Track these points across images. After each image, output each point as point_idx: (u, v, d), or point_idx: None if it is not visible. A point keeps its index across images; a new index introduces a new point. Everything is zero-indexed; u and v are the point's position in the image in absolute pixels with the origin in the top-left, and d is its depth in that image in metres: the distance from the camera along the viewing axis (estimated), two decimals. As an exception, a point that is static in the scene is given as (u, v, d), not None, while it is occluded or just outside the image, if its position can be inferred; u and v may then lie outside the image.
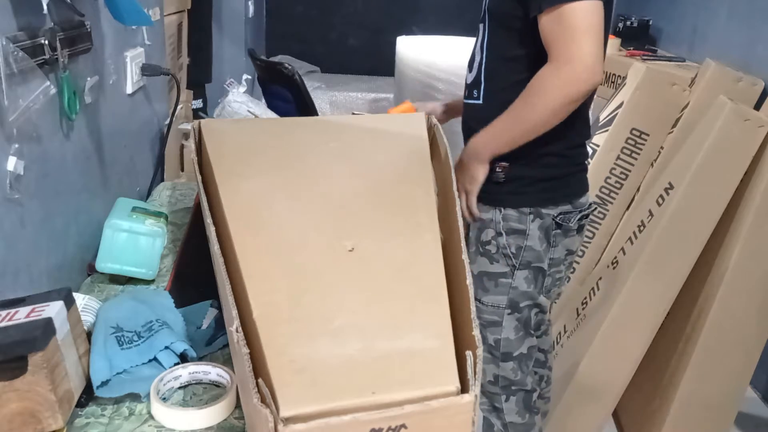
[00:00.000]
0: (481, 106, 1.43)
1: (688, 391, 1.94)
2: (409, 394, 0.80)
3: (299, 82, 2.70)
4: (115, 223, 1.35)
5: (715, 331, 1.91)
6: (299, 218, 1.11)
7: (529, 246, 1.41)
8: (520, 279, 1.43)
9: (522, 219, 1.40)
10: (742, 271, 1.88)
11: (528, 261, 1.42)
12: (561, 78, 1.23)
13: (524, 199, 1.41)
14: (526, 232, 1.40)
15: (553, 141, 1.36)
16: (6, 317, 0.91)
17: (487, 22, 1.39)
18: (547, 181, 1.41)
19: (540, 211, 1.40)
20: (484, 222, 1.44)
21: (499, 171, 1.41)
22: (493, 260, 1.43)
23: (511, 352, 1.46)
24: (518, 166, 1.40)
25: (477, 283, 1.43)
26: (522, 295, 1.44)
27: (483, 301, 1.45)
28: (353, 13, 4.80)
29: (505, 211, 1.41)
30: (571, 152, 1.43)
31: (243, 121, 1.99)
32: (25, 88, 1.07)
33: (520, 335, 1.46)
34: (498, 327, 1.45)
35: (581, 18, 1.19)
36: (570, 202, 1.43)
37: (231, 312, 0.89)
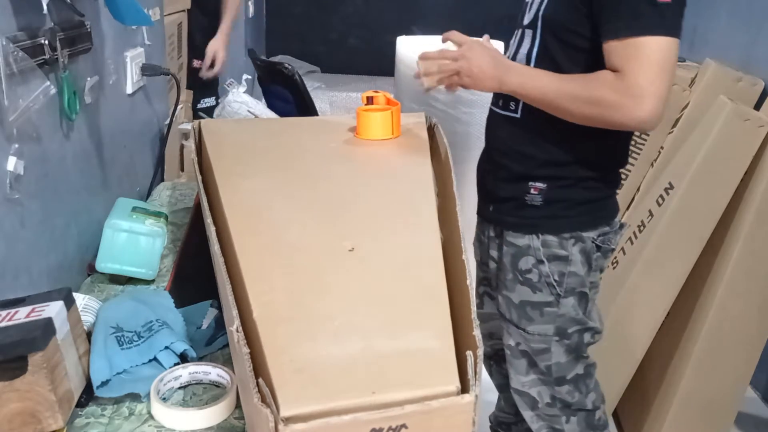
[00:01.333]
0: (519, 120, 1.32)
1: (688, 391, 1.94)
2: (410, 394, 0.80)
3: (299, 82, 2.70)
4: (115, 223, 1.35)
5: (715, 331, 1.91)
6: (299, 218, 1.11)
7: (572, 272, 1.32)
8: (567, 306, 1.34)
9: (563, 244, 1.31)
10: (742, 271, 1.88)
11: (572, 287, 1.33)
12: (623, 104, 1.13)
13: (564, 223, 1.31)
14: (568, 258, 1.32)
15: (595, 166, 1.30)
16: (6, 317, 0.91)
17: (540, 31, 1.27)
18: (586, 203, 1.32)
19: (581, 235, 1.31)
20: (519, 248, 1.34)
21: (535, 193, 1.31)
22: (535, 289, 1.34)
23: (564, 376, 1.39)
24: (556, 189, 1.31)
25: (520, 312, 1.36)
26: (570, 322, 1.35)
27: (528, 331, 1.36)
28: (353, 13, 4.80)
29: (544, 236, 1.32)
30: (610, 176, 1.36)
31: (243, 121, 1.99)
32: (25, 88, 1.07)
33: (572, 357, 1.38)
34: (547, 354, 1.37)
35: (661, 54, 1.11)
36: (608, 224, 1.35)
37: (231, 312, 0.89)
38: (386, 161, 1.33)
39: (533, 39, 1.28)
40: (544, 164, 1.30)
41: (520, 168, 1.32)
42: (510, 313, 1.38)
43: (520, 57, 1.31)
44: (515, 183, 1.33)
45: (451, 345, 0.88)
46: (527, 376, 1.39)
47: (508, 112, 1.34)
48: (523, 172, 1.32)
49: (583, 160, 1.28)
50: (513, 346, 1.39)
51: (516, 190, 1.33)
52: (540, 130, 1.28)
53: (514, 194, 1.34)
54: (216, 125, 1.47)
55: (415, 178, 1.23)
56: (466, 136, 2.64)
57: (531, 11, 1.29)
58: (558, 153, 1.29)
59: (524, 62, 1.29)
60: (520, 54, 1.31)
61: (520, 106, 1.30)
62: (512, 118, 1.32)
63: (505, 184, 1.36)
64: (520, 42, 1.32)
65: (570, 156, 1.28)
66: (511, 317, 1.37)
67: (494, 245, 1.42)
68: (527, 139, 1.30)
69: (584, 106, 1.17)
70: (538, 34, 1.27)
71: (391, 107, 1.39)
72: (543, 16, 1.25)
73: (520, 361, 1.39)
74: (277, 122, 1.88)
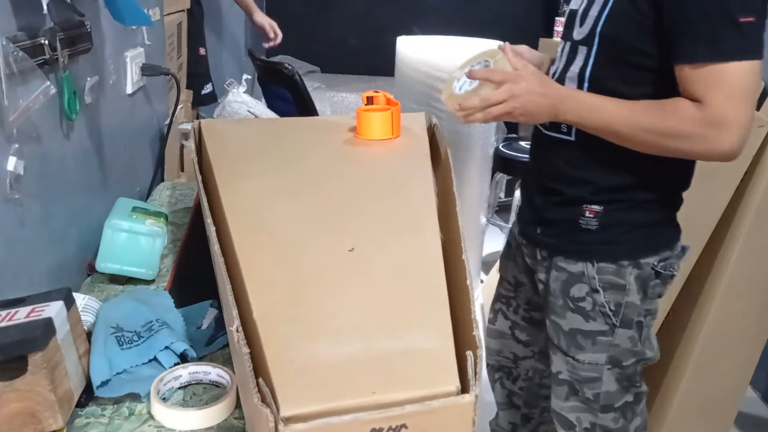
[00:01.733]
0: (574, 143, 1.20)
1: (688, 391, 1.94)
2: (410, 393, 0.80)
3: (299, 82, 2.70)
4: (115, 223, 1.35)
5: (715, 331, 1.91)
6: (299, 218, 1.11)
7: (629, 302, 1.22)
8: (622, 337, 1.24)
9: (621, 272, 1.21)
10: (742, 271, 1.88)
11: (630, 318, 1.23)
12: (706, 137, 1.04)
13: (622, 249, 1.21)
14: (626, 287, 1.21)
15: (657, 188, 1.20)
16: (6, 317, 0.91)
17: (596, 48, 1.15)
18: (647, 227, 1.21)
19: (639, 262, 1.21)
20: (571, 275, 1.24)
21: (590, 216, 1.20)
22: (588, 318, 1.24)
23: (612, 404, 1.29)
24: (614, 211, 1.20)
25: (569, 339, 1.27)
26: (625, 353, 1.26)
27: (578, 359, 1.27)
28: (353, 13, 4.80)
29: (599, 264, 1.21)
30: (673, 197, 1.25)
31: (243, 121, 1.99)
32: (25, 88, 1.06)
33: (624, 386, 1.28)
34: (597, 383, 1.28)
35: (746, 80, 1.02)
36: (670, 248, 1.24)
37: (231, 312, 0.89)
38: (386, 161, 1.33)
39: (587, 57, 1.16)
40: (602, 189, 1.20)
41: (574, 192, 1.22)
42: (558, 339, 1.29)
43: (571, 75, 1.19)
44: (568, 206, 1.23)
45: (451, 345, 0.88)
46: (566, 402, 1.33)
47: (559, 134, 1.22)
48: (578, 195, 1.22)
49: (645, 182, 1.18)
50: (554, 373, 1.33)
51: (569, 213, 1.23)
52: (598, 154, 1.17)
53: (567, 217, 1.24)
54: (216, 125, 1.47)
55: (415, 178, 1.23)
56: (466, 136, 2.64)
57: (585, 26, 1.17)
58: (618, 177, 1.19)
59: (576, 81, 1.18)
60: (570, 72, 1.19)
61: (574, 129, 1.19)
62: (566, 141, 1.21)
63: (556, 208, 1.26)
64: (570, 59, 1.20)
65: (631, 179, 1.18)
66: (560, 344, 1.29)
67: (542, 268, 1.31)
68: (583, 163, 1.20)
69: (661, 139, 1.08)
70: (594, 52, 1.15)
71: (391, 107, 1.39)
72: (601, 34, 1.13)
73: (561, 387, 1.33)
74: (277, 122, 1.88)
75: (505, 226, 3.09)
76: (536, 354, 1.50)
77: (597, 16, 1.14)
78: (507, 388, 1.57)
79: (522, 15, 4.43)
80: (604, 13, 1.12)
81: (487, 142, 2.74)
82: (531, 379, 1.54)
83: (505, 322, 1.51)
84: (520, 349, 1.51)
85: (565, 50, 1.23)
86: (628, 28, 1.10)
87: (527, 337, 1.49)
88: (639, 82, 1.12)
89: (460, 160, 2.60)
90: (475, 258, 2.92)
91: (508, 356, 1.53)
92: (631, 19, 1.09)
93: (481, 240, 2.98)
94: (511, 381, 1.56)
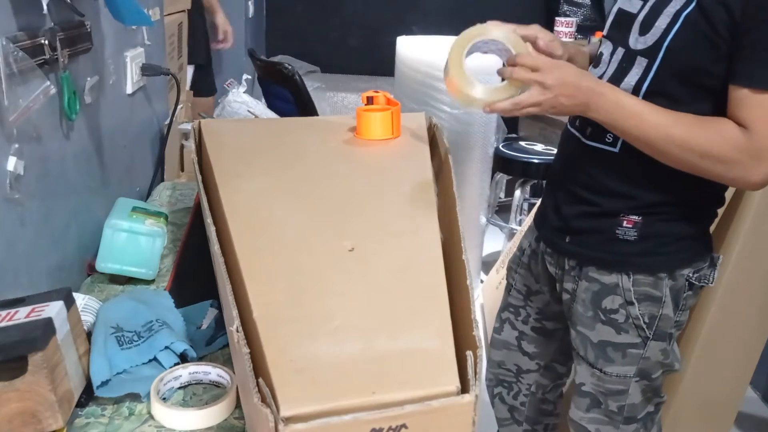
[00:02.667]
0: (617, 155, 1.15)
1: (688, 391, 1.94)
2: (410, 393, 0.80)
3: (299, 82, 2.70)
4: (115, 223, 1.35)
5: (715, 331, 1.91)
6: (299, 218, 1.11)
7: (664, 315, 1.19)
8: (654, 350, 1.22)
9: (657, 284, 1.18)
10: (742, 271, 1.88)
11: (664, 331, 1.21)
12: (742, 164, 1.02)
13: (660, 261, 1.18)
14: (662, 299, 1.18)
15: (696, 202, 1.17)
16: (6, 317, 0.91)
17: (659, 63, 1.08)
18: (684, 239, 1.18)
19: (674, 274, 1.18)
20: (604, 286, 1.21)
21: (628, 226, 1.17)
22: (620, 330, 1.21)
23: (635, 416, 1.28)
24: (654, 222, 1.16)
25: (598, 351, 1.24)
26: (655, 366, 1.24)
27: (606, 371, 1.24)
28: (353, 13, 4.80)
29: (636, 276, 1.18)
30: (709, 212, 1.23)
31: (243, 121, 2.00)
32: (25, 88, 1.06)
33: (647, 397, 1.27)
34: (623, 395, 1.25)
35: None
36: (703, 259, 1.21)
37: (231, 312, 0.89)
38: (386, 161, 1.33)
39: (647, 70, 1.10)
40: (643, 202, 1.17)
41: (612, 205, 1.18)
42: (585, 351, 1.27)
43: (625, 86, 1.12)
44: (604, 217, 1.19)
45: (451, 345, 0.88)
46: (586, 413, 1.31)
47: (603, 145, 1.17)
48: (615, 208, 1.18)
49: (686, 197, 1.16)
50: (577, 384, 1.31)
51: (604, 223, 1.19)
52: (642, 168, 1.12)
53: (602, 227, 1.20)
54: (216, 125, 1.47)
55: (415, 178, 1.23)
56: (466, 136, 2.64)
57: (648, 35, 1.09)
58: (659, 191, 1.15)
59: (630, 92, 1.12)
60: (625, 83, 1.13)
61: (621, 141, 1.14)
62: (609, 152, 1.16)
63: (590, 218, 1.22)
64: (626, 68, 1.13)
65: (672, 194, 1.15)
66: (587, 356, 1.27)
67: (569, 278, 1.27)
68: (626, 177, 1.16)
69: (696, 158, 1.05)
70: (656, 66, 1.09)
71: (391, 107, 1.39)
72: (669, 48, 1.06)
73: (583, 399, 1.31)
74: (277, 122, 1.88)
75: (505, 226, 3.09)
76: (541, 368, 1.48)
77: (666, 29, 1.07)
78: (507, 403, 1.54)
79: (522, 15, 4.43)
80: (674, 27, 1.06)
81: (487, 142, 2.74)
82: (533, 394, 1.51)
83: (512, 332, 1.47)
84: (525, 362, 1.48)
85: (617, 56, 1.16)
86: (699, 47, 1.04)
87: (535, 348, 1.46)
88: (695, 100, 1.08)
89: (460, 160, 2.60)
90: (475, 258, 2.92)
91: (510, 369, 1.51)
92: (704, 38, 1.03)
93: (481, 240, 2.98)
94: (511, 396, 1.53)
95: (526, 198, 3.06)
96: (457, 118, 2.58)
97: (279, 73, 2.75)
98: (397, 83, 2.70)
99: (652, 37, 1.09)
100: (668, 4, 1.07)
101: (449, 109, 2.55)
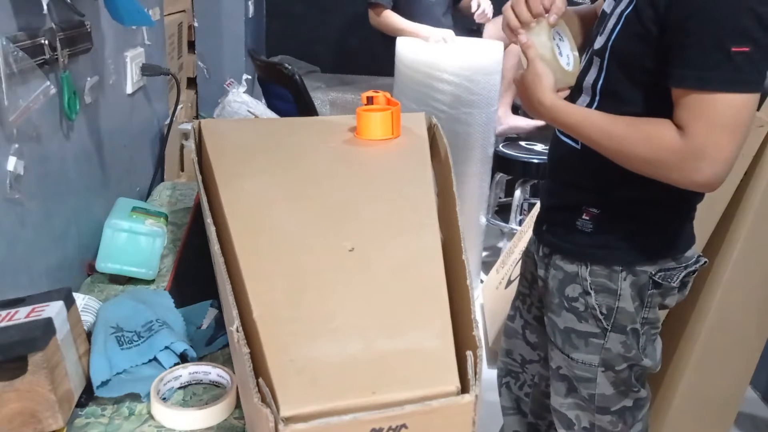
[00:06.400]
0: (579, 152, 1.20)
1: (688, 391, 1.94)
2: (410, 393, 0.80)
3: (299, 82, 2.70)
4: (115, 223, 1.35)
5: (715, 331, 1.91)
6: (299, 218, 1.11)
7: (622, 308, 1.21)
8: (614, 342, 1.23)
9: (613, 277, 1.20)
10: (742, 271, 1.88)
11: (623, 325, 1.22)
12: (682, 167, 1.02)
13: (616, 255, 1.20)
14: (617, 292, 1.21)
15: (661, 198, 1.17)
16: (6, 317, 0.91)
17: (607, 61, 1.13)
18: (645, 235, 1.20)
19: (634, 269, 1.20)
20: (567, 274, 1.25)
21: (586, 218, 1.21)
22: (581, 318, 1.25)
23: (608, 407, 1.29)
24: (611, 216, 1.20)
25: (564, 337, 1.28)
26: (618, 358, 1.25)
27: (573, 357, 1.28)
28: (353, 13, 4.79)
29: (592, 266, 1.22)
30: (678, 204, 1.21)
31: (243, 121, 1.99)
32: (25, 88, 1.07)
33: (621, 390, 1.28)
34: (591, 383, 1.27)
35: (732, 115, 0.98)
36: (673, 258, 1.21)
37: (231, 312, 0.89)
38: (386, 161, 1.33)
39: (600, 69, 1.15)
40: (602, 196, 1.20)
41: (575, 196, 1.24)
42: (555, 336, 1.31)
43: (586, 86, 1.19)
44: (569, 209, 1.25)
45: (451, 345, 0.88)
46: (565, 399, 1.33)
47: (570, 141, 1.23)
48: (578, 199, 1.23)
49: (646, 194, 1.16)
50: (554, 368, 1.34)
51: (569, 214, 1.24)
52: (601, 166, 1.15)
53: (566, 218, 1.25)
54: (216, 125, 1.47)
55: (415, 178, 1.23)
56: (466, 136, 2.64)
57: (603, 35, 1.15)
58: (618, 187, 1.18)
59: (590, 92, 1.18)
60: (585, 82, 1.19)
61: None
62: (572, 149, 1.22)
63: (559, 209, 1.29)
64: (586, 68, 1.20)
65: (632, 190, 1.17)
66: (556, 341, 1.31)
67: (542, 265, 1.33)
68: (586, 171, 1.21)
69: (640, 163, 1.07)
70: (605, 65, 1.14)
71: (391, 107, 1.39)
72: (612, 47, 1.11)
73: (559, 383, 1.33)
74: (277, 122, 1.88)
75: (505, 226, 3.09)
76: (542, 359, 1.49)
77: (611, 29, 1.12)
78: (514, 393, 1.56)
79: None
80: (617, 27, 1.11)
81: (486, 142, 2.74)
82: (537, 386, 1.52)
83: (519, 321, 1.51)
84: (528, 352, 1.50)
85: (584, 58, 1.22)
86: (635, 43, 1.07)
87: (536, 338, 1.48)
88: (643, 100, 1.10)
89: (460, 160, 2.60)
90: (475, 258, 2.92)
91: (516, 358, 1.53)
92: (639, 34, 1.06)
93: (481, 240, 2.98)
94: (517, 387, 1.55)
95: (526, 198, 3.06)
96: (457, 118, 2.58)
97: (279, 73, 2.75)
98: (397, 83, 2.71)
99: (603, 37, 1.14)
100: (619, 5, 1.12)
101: (449, 109, 2.56)
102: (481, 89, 2.59)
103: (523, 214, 3.06)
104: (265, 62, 3.00)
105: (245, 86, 2.36)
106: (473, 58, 2.61)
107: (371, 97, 1.42)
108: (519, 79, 1.19)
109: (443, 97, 2.54)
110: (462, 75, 2.54)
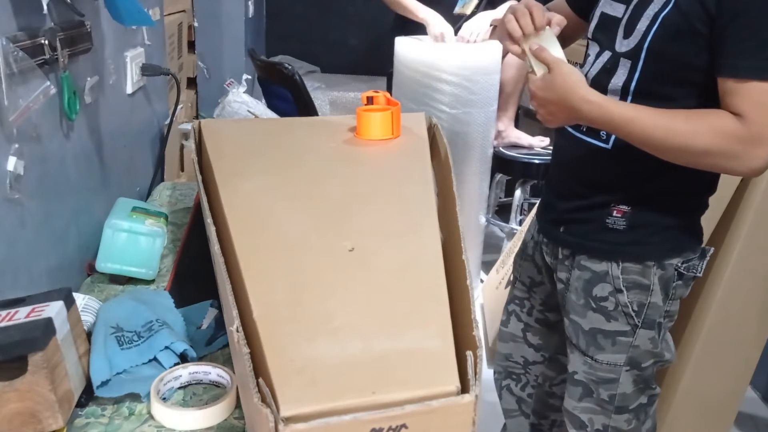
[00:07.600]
0: (609, 152, 1.19)
1: (688, 391, 1.94)
2: (410, 393, 0.80)
3: (299, 82, 2.70)
4: (115, 223, 1.35)
5: (715, 331, 1.91)
6: (299, 218, 1.11)
7: (653, 303, 1.22)
8: (643, 338, 1.24)
9: (645, 272, 1.21)
10: (742, 271, 1.88)
11: (652, 319, 1.23)
12: (744, 154, 1.03)
13: (649, 250, 1.21)
14: (650, 287, 1.21)
15: (686, 192, 1.20)
16: (6, 317, 0.91)
17: (642, 64, 1.12)
18: (673, 229, 1.21)
19: (663, 263, 1.21)
20: (595, 274, 1.24)
21: (617, 216, 1.21)
22: (610, 318, 1.24)
23: (627, 406, 1.29)
24: (642, 212, 1.20)
25: (589, 339, 1.27)
26: (645, 354, 1.25)
27: (597, 359, 1.27)
28: (353, 13, 4.80)
29: (624, 264, 1.21)
30: (700, 202, 1.25)
31: (243, 121, 1.99)
32: (25, 88, 1.06)
33: (640, 387, 1.29)
34: (614, 384, 1.27)
35: None
36: (693, 250, 1.24)
37: (231, 312, 0.89)
38: (386, 161, 1.33)
39: (632, 71, 1.14)
40: (633, 194, 1.20)
41: (604, 197, 1.22)
42: (577, 338, 1.29)
43: (613, 88, 1.16)
44: (596, 209, 1.23)
45: (451, 345, 0.88)
46: (579, 402, 1.32)
47: (596, 141, 1.21)
48: (606, 199, 1.22)
49: (676, 187, 1.19)
50: (570, 372, 1.33)
51: (596, 213, 1.23)
52: (633, 164, 1.15)
53: (593, 216, 1.24)
54: (216, 125, 1.47)
55: (415, 178, 1.23)
56: (466, 136, 2.64)
57: (630, 38, 1.14)
58: (649, 183, 1.19)
59: (618, 94, 1.16)
60: (612, 84, 1.16)
61: (613, 138, 1.18)
62: (601, 149, 1.20)
63: (583, 209, 1.26)
64: (610, 70, 1.17)
65: (662, 185, 1.18)
66: (578, 343, 1.29)
67: (563, 267, 1.31)
68: (617, 171, 1.20)
69: (699, 156, 1.07)
70: (640, 67, 1.12)
71: (391, 107, 1.39)
72: (649, 49, 1.11)
73: (575, 387, 1.32)
74: (277, 122, 1.88)
75: (505, 226, 3.09)
76: (546, 360, 1.49)
77: (645, 31, 1.11)
78: (515, 394, 1.55)
79: None
80: (652, 29, 1.10)
81: (486, 142, 2.74)
82: (540, 386, 1.52)
83: (518, 324, 1.49)
84: (531, 353, 1.50)
85: (602, 58, 1.20)
86: (681, 44, 1.08)
87: (539, 340, 1.48)
88: (684, 96, 1.11)
89: (460, 160, 2.60)
90: (475, 258, 2.92)
91: (517, 361, 1.52)
92: (684, 33, 1.07)
93: (481, 240, 2.98)
94: (519, 388, 1.54)
95: (526, 198, 3.06)
96: (457, 118, 2.58)
97: (279, 73, 2.75)
98: (396, 83, 2.70)
99: (634, 39, 1.13)
100: (648, 6, 1.11)
101: (449, 109, 2.55)
102: (481, 89, 2.58)
103: (523, 214, 3.06)
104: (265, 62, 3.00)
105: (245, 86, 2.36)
106: (473, 58, 2.61)
107: (371, 97, 1.42)
108: (540, 85, 1.13)
109: (443, 97, 2.54)
110: (461, 75, 2.54)
